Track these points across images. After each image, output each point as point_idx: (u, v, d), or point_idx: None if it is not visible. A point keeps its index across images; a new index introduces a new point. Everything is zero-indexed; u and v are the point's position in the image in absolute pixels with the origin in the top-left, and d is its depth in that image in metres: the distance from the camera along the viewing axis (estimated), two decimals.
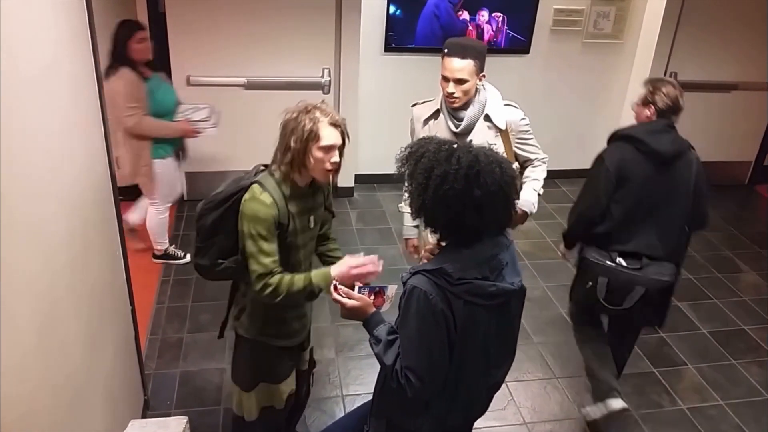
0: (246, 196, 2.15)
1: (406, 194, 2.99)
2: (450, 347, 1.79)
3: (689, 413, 3.34)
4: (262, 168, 2.28)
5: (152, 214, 4.19)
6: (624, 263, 2.84)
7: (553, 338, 3.84)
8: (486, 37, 5.18)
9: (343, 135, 2.17)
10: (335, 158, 2.15)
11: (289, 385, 2.52)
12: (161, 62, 4.71)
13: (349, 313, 1.98)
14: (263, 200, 2.12)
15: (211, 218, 2.22)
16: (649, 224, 2.86)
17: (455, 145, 1.77)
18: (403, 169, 1.84)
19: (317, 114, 2.11)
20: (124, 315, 2.79)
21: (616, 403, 2.93)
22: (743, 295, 4.39)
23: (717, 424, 3.27)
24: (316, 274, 2.24)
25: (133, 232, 4.28)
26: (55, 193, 1.87)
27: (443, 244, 1.90)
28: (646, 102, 3.03)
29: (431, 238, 2.99)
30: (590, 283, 2.93)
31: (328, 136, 2.11)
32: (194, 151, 4.94)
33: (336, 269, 2.23)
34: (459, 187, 1.69)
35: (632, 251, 2.86)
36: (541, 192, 2.94)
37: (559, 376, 3.54)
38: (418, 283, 1.75)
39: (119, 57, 3.68)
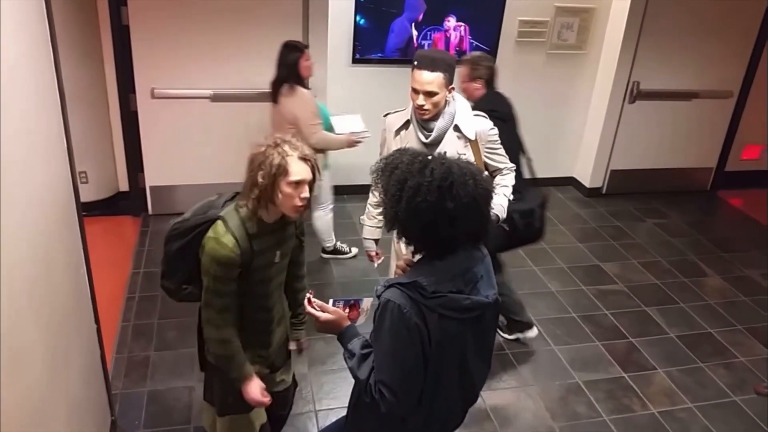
0: (209, 233, 2.10)
1: (369, 207, 3.01)
2: (425, 361, 1.77)
3: (660, 417, 3.38)
4: (232, 196, 2.24)
5: (320, 216, 4.46)
6: None
7: (525, 346, 3.85)
8: (453, 42, 5.22)
9: (313, 169, 2.11)
10: (305, 194, 2.09)
11: (259, 415, 2.46)
12: (124, 75, 4.66)
13: (324, 327, 1.95)
14: (225, 243, 2.07)
15: (177, 245, 2.19)
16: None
17: (429, 157, 1.75)
18: (377, 181, 1.82)
19: (286, 148, 2.05)
20: (89, 333, 2.72)
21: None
22: (709, 298, 4.47)
23: (687, 427, 3.32)
24: (247, 369, 2.26)
25: None
26: (16, 207, 1.81)
27: (417, 257, 1.88)
28: (472, 78, 3.52)
29: (404, 250, 2.99)
30: None
31: (298, 171, 2.05)
32: (156, 165, 4.89)
33: (251, 387, 2.26)
34: (432, 199, 1.68)
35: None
36: (511, 198, 2.96)
37: (532, 384, 3.55)
38: (392, 296, 1.73)
39: (293, 77, 3.87)
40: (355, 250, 4.61)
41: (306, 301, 1.98)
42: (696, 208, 5.98)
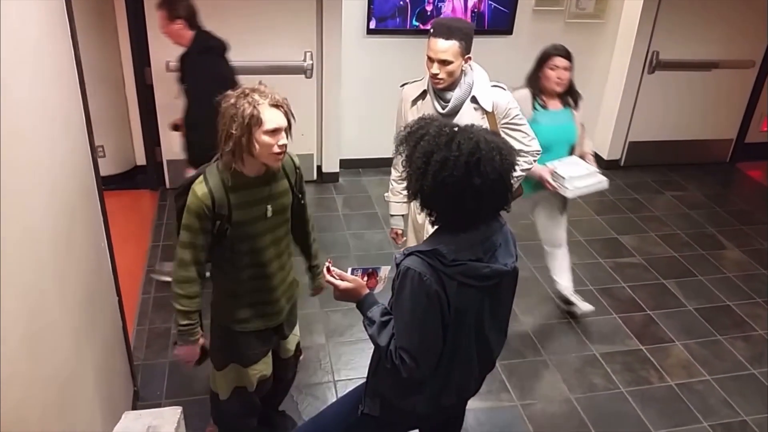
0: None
1: (393, 182, 3.00)
2: (444, 328, 1.79)
3: (677, 389, 3.38)
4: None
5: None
6: None
7: (542, 319, 3.86)
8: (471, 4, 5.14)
9: (287, 115, 2.10)
10: (283, 140, 2.08)
11: (259, 370, 2.50)
12: (139, 49, 4.65)
13: (343, 295, 1.97)
14: (196, 191, 2.12)
15: (180, 203, 2.26)
16: None
17: (456, 129, 1.73)
18: (402, 150, 1.80)
19: (256, 97, 2.03)
20: (111, 306, 2.75)
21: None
22: (727, 271, 4.44)
23: (704, 399, 3.32)
24: (195, 328, 2.30)
25: None
26: (39, 183, 1.82)
27: (434, 227, 1.88)
28: (171, 19, 3.42)
29: (420, 219, 2.98)
30: None
31: (271, 119, 2.03)
32: (174, 139, 4.89)
33: (183, 348, 2.34)
34: (458, 174, 1.67)
35: None
36: (514, 182, 2.87)
37: (549, 356, 3.56)
38: (412, 264, 1.74)
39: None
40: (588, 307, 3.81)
41: (325, 270, 1.99)
42: (715, 180, 5.91)
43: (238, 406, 2.57)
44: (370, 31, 5.07)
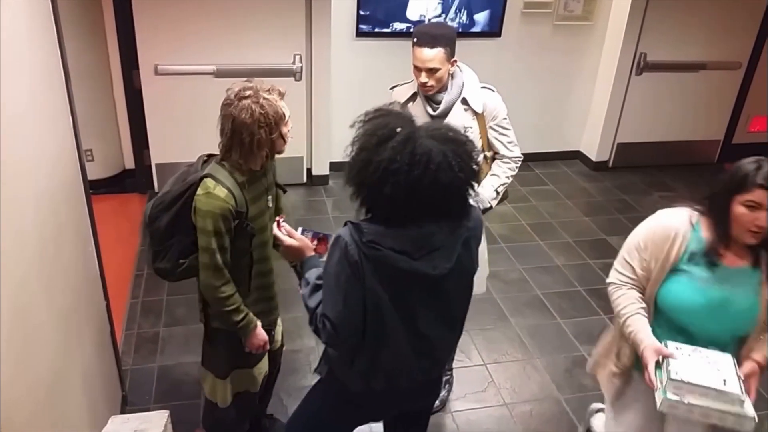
0: (199, 191, 2.11)
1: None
2: (364, 305, 1.77)
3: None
4: (206, 158, 2.25)
5: None
6: None
7: (531, 320, 3.87)
8: None
9: None
10: (291, 124, 2.18)
11: (262, 368, 2.53)
12: (128, 52, 4.64)
13: (287, 252, 2.03)
14: (218, 194, 2.09)
15: (165, 220, 2.18)
16: None
17: (398, 129, 1.67)
18: (352, 144, 1.76)
19: (268, 96, 2.07)
20: (99, 310, 2.75)
21: None
22: None
23: None
24: (253, 318, 2.31)
25: None
26: (25, 187, 1.82)
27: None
28: None
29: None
30: None
31: (286, 108, 2.13)
32: (161, 142, 4.89)
33: (259, 332, 2.34)
34: (374, 180, 1.66)
35: None
36: (500, 190, 2.88)
37: (538, 357, 3.58)
38: (343, 233, 1.74)
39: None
40: None
41: (275, 225, 2.04)
42: (703, 181, 5.94)
43: (236, 412, 2.56)
44: (359, 34, 5.08)
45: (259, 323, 2.35)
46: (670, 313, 2.12)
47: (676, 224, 2.11)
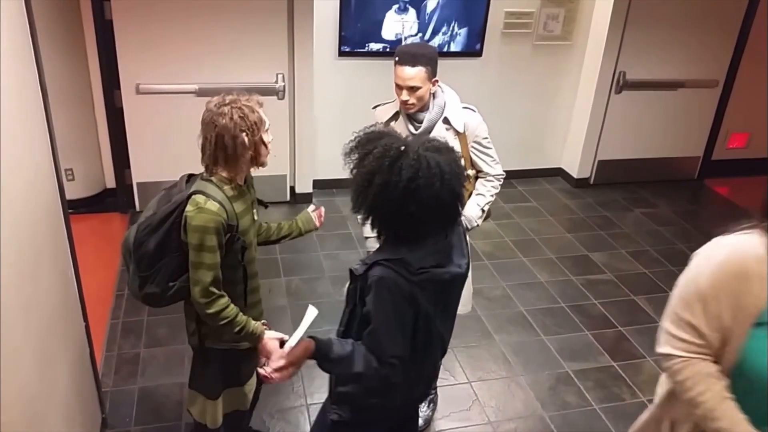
0: (189, 208, 2.09)
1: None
2: (415, 329, 1.83)
3: (649, 405, 3.39)
4: (188, 177, 2.25)
5: None
6: None
7: (515, 336, 3.87)
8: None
9: None
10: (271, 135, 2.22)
11: (252, 385, 2.52)
12: (109, 71, 4.62)
13: (299, 362, 1.92)
14: (209, 208, 2.07)
15: (153, 242, 2.14)
16: None
17: (402, 149, 1.72)
18: (347, 162, 1.81)
19: (247, 104, 2.11)
20: (77, 331, 2.70)
21: None
22: None
23: None
24: (252, 323, 2.25)
25: None
26: (2, 205, 1.79)
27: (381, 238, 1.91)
28: None
29: (368, 233, 2.98)
30: None
31: (266, 117, 2.17)
32: (143, 161, 4.86)
33: (270, 336, 2.26)
34: (396, 199, 1.69)
35: None
36: (486, 208, 2.93)
37: (522, 374, 3.57)
38: (384, 273, 1.75)
39: None
40: None
41: (260, 369, 1.94)
42: (683, 196, 6.02)
43: (228, 431, 2.54)
44: (341, 53, 5.10)
45: (266, 329, 2.30)
46: (762, 383, 1.49)
47: (750, 256, 1.51)
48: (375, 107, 2.97)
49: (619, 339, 3.90)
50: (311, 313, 1.98)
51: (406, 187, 1.67)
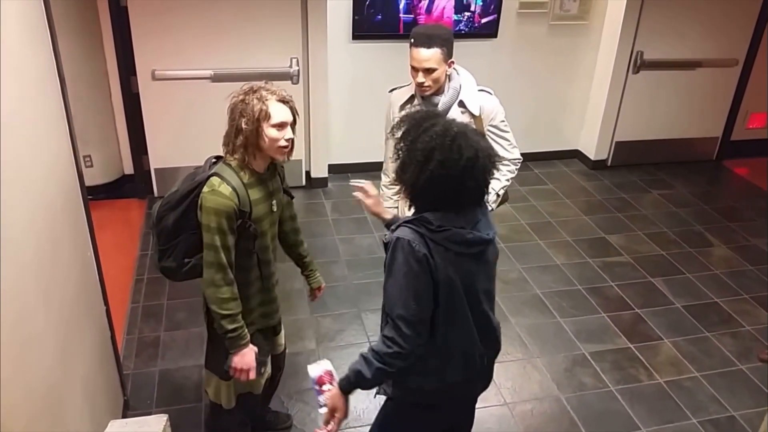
0: (205, 189, 2.15)
1: (384, 188, 3.00)
2: (435, 295, 1.85)
3: (666, 386, 3.40)
4: (214, 160, 2.27)
5: None
6: None
7: (531, 319, 3.87)
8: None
9: (293, 111, 2.21)
10: (289, 134, 2.19)
11: (265, 371, 2.55)
12: (125, 58, 4.65)
13: (342, 407, 2.02)
14: (222, 192, 2.12)
15: (172, 218, 2.22)
16: None
17: (458, 131, 1.81)
18: (398, 136, 1.88)
19: (263, 93, 2.14)
20: (98, 315, 2.75)
21: None
22: (714, 268, 4.47)
23: (693, 396, 3.34)
24: (245, 333, 2.30)
25: None
26: (21, 193, 1.82)
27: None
28: None
29: (407, 211, 3.00)
30: None
31: (278, 112, 2.14)
32: (160, 147, 4.90)
33: (246, 352, 2.31)
34: (454, 175, 1.78)
35: None
36: (501, 193, 2.94)
37: (538, 356, 3.58)
38: (402, 234, 1.84)
39: None
40: None
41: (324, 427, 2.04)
42: (701, 178, 5.95)
43: (240, 413, 2.59)
44: (355, 36, 5.09)
45: (252, 349, 2.34)
46: None
47: None
48: (391, 90, 2.97)
49: (636, 321, 3.90)
50: (314, 370, 2.16)
51: (465, 165, 1.77)
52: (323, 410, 2.04)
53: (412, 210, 1.94)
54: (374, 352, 1.90)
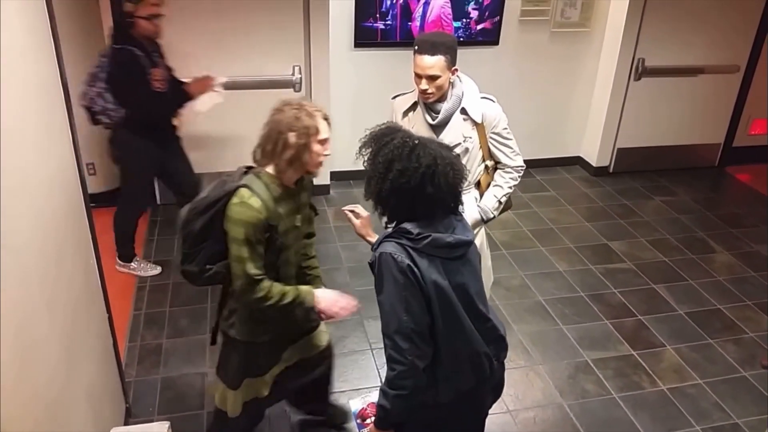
0: (234, 200, 2.15)
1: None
2: (428, 304, 1.87)
3: (669, 393, 3.39)
4: (245, 170, 2.27)
5: None
6: None
7: (533, 326, 3.87)
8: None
9: (329, 126, 2.28)
10: (328, 150, 2.26)
11: (273, 374, 2.54)
12: None
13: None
14: (252, 204, 2.13)
15: (199, 224, 2.21)
16: None
17: (417, 141, 1.89)
18: (364, 152, 1.96)
19: (310, 110, 2.18)
20: (101, 322, 2.75)
21: None
22: (717, 275, 4.46)
23: (696, 403, 3.33)
24: (303, 289, 2.31)
25: None
26: (25, 200, 1.83)
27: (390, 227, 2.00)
28: None
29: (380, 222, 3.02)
30: None
31: (324, 129, 2.21)
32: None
33: (322, 294, 2.34)
34: (414, 183, 1.85)
35: None
36: (503, 200, 2.94)
37: (541, 363, 3.57)
38: (383, 249, 1.88)
39: None
40: None
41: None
42: (704, 184, 5.95)
43: (246, 420, 2.59)
44: (357, 44, 5.10)
45: (317, 291, 2.36)
46: None
47: None
48: (394, 97, 2.98)
49: (639, 327, 3.89)
50: (355, 404, 2.29)
51: (424, 172, 1.84)
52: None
53: (384, 220, 1.99)
54: (386, 381, 1.93)
